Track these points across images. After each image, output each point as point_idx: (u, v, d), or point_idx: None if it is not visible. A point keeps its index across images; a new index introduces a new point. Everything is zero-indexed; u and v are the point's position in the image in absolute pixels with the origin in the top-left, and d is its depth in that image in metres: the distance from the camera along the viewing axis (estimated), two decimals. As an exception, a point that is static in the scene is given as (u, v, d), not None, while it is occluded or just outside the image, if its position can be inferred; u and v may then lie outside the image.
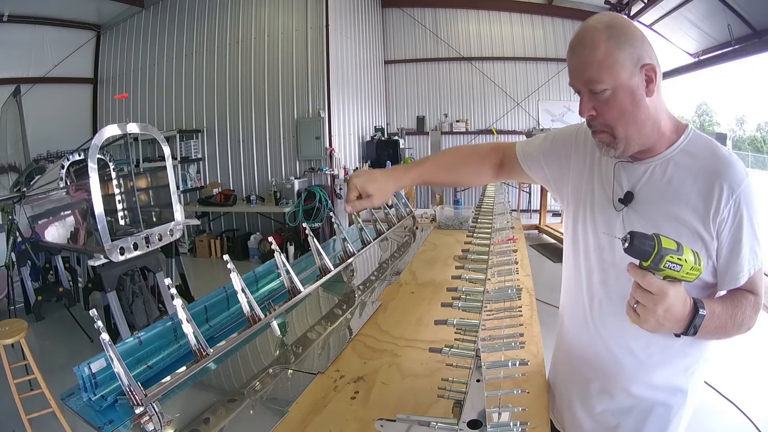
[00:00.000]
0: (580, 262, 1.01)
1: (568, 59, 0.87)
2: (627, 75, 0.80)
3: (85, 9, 6.94)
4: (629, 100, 0.82)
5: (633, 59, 0.80)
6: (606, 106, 0.84)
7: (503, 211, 2.07)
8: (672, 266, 0.69)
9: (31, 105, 5.56)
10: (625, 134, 0.85)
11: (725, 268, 0.85)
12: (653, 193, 0.89)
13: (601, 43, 0.80)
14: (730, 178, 0.82)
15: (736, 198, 0.82)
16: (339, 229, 1.62)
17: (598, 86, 0.82)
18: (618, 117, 0.84)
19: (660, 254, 0.68)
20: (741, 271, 0.84)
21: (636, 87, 0.82)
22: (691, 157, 0.87)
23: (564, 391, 1.09)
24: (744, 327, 0.84)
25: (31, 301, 3.88)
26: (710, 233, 0.84)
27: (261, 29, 6.47)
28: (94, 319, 0.87)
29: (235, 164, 6.79)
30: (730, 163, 0.84)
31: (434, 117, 8.84)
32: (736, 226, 0.83)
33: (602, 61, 0.80)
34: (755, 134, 27.31)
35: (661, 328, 0.75)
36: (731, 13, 5.61)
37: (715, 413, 2.51)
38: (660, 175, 0.88)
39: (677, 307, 0.74)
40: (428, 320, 1.36)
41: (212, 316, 1.29)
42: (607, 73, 0.80)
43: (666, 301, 0.72)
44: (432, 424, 0.69)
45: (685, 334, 0.77)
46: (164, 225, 3.10)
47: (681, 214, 0.85)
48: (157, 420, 0.87)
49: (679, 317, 0.75)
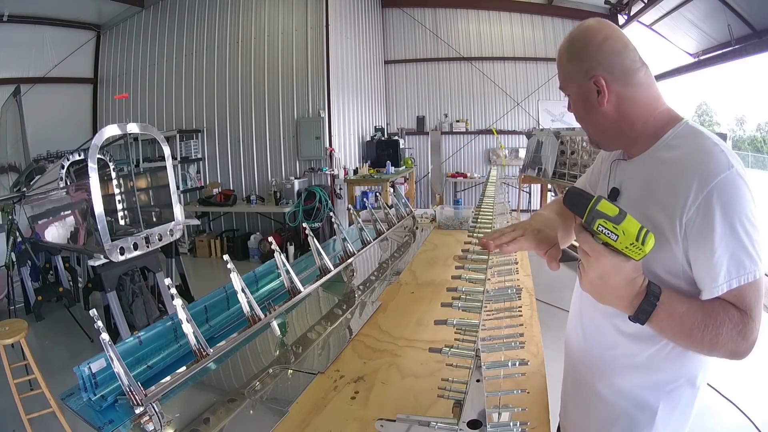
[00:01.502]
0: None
1: None
2: (576, 85, 0.88)
3: (85, 9, 6.94)
4: (582, 106, 0.89)
5: (581, 71, 0.86)
6: (572, 108, 0.93)
7: (503, 211, 2.07)
8: (606, 232, 0.67)
9: (31, 105, 5.56)
10: (588, 132, 0.93)
11: (699, 274, 0.76)
12: (633, 191, 0.88)
13: (563, 53, 0.90)
14: (703, 171, 0.73)
15: (707, 194, 0.72)
16: (339, 229, 1.62)
17: (564, 91, 0.92)
18: (579, 119, 0.92)
19: (591, 214, 0.67)
20: (715, 280, 0.73)
21: (586, 96, 0.87)
22: (671, 151, 0.81)
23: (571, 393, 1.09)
24: (722, 346, 0.73)
25: (31, 301, 3.87)
26: (675, 234, 0.76)
27: (261, 29, 6.47)
28: (94, 319, 0.87)
29: (235, 164, 6.79)
30: (710, 155, 0.75)
31: (434, 117, 8.84)
32: (706, 225, 0.72)
33: (560, 70, 0.91)
34: (755, 134, 27.30)
35: (601, 299, 0.76)
36: (731, 13, 5.61)
37: (715, 413, 2.51)
38: (641, 172, 0.87)
39: (615, 280, 0.71)
40: (428, 320, 1.36)
41: (212, 316, 1.29)
42: (564, 81, 0.91)
43: (599, 266, 0.71)
44: (432, 424, 0.69)
45: (632, 319, 0.75)
46: (164, 225, 3.10)
47: (651, 213, 0.79)
48: (157, 420, 0.87)
49: (620, 293, 0.73)
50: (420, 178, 8.84)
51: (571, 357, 1.07)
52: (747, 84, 33.24)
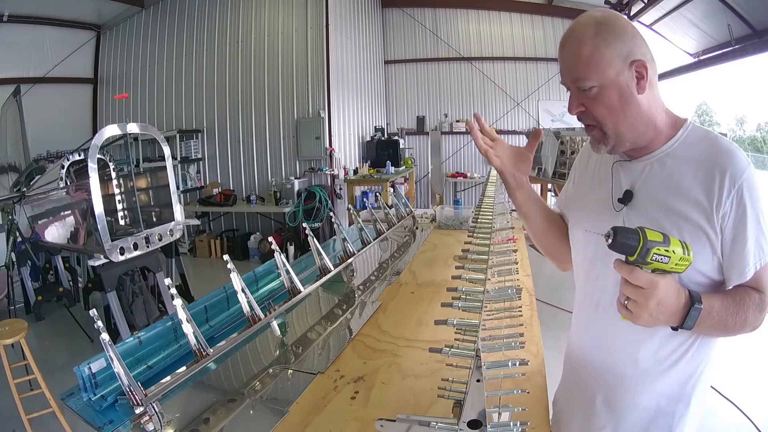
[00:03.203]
0: (584, 269, 0.99)
1: (558, 56, 0.86)
2: (614, 72, 0.79)
3: (85, 9, 6.94)
4: (617, 97, 0.81)
5: (622, 55, 0.79)
6: (594, 103, 0.82)
7: (503, 211, 2.07)
8: (660, 258, 0.67)
9: (31, 105, 5.55)
10: (615, 131, 0.84)
11: (731, 263, 0.81)
12: (653, 190, 0.86)
13: (588, 39, 0.79)
14: (732, 168, 0.78)
15: (738, 189, 0.78)
16: (339, 229, 1.62)
17: (584, 83, 0.81)
18: (606, 114, 0.82)
19: (646, 247, 0.67)
20: (747, 265, 0.80)
21: (625, 84, 0.80)
22: (690, 149, 0.84)
23: (567, 405, 1.06)
24: (748, 326, 0.80)
25: (31, 301, 3.88)
26: (714, 228, 0.80)
27: (261, 29, 6.47)
28: (94, 319, 0.87)
29: (235, 164, 6.79)
30: (732, 153, 0.80)
31: (434, 117, 8.84)
32: (740, 217, 0.79)
33: (588, 59, 0.79)
34: (755, 134, 27.28)
35: (655, 322, 0.74)
36: (731, 13, 5.60)
37: (715, 413, 2.51)
38: (659, 171, 0.86)
39: (670, 300, 0.72)
40: (428, 320, 1.36)
41: (212, 316, 1.29)
42: (594, 70, 0.79)
43: (657, 294, 0.70)
44: (432, 424, 0.69)
45: (681, 327, 0.76)
46: (164, 225, 3.10)
47: (682, 209, 0.82)
48: (157, 420, 0.87)
49: (672, 310, 0.74)
50: (420, 178, 8.83)
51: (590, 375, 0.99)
52: (747, 84, 33.21)
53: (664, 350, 0.88)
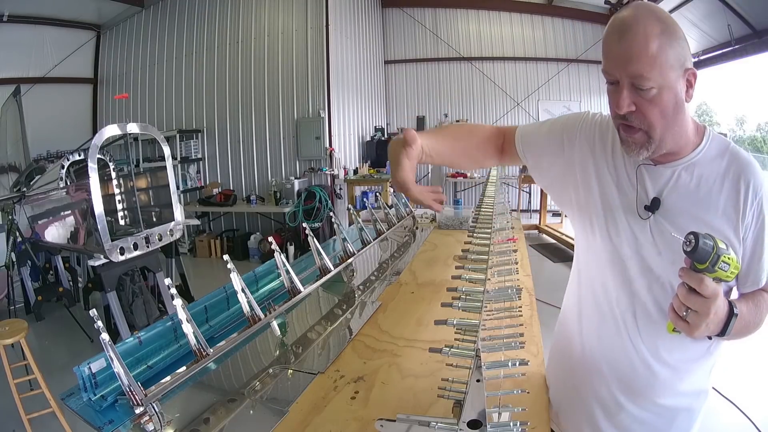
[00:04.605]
0: (604, 273, 0.94)
1: (609, 45, 0.77)
2: (675, 76, 0.75)
3: (85, 9, 6.94)
4: (672, 103, 0.77)
5: (680, 61, 0.76)
6: (650, 105, 0.77)
7: (503, 211, 2.07)
8: (724, 267, 0.68)
9: (31, 105, 5.55)
10: (662, 136, 0.80)
11: (747, 272, 0.84)
12: (682, 200, 0.84)
13: (655, 37, 0.73)
14: (755, 181, 0.81)
15: (759, 200, 0.81)
16: (339, 229, 1.62)
17: (645, 83, 0.74)
18: (659, 118, 0.78)
19: (717, 254, 0.67)
20: (762, 273, 0.83)
21: (680, 90, 0.77)
22: (716, 160, 0.84)
23: (579, 406, 1.01)
24: (761, 326, 0.84)
25: (31, 301, 3.88)
26: (739, 239, 0.82)
27: (261, 29, 6.47)
28: (94, 319, 0.87)
29: (235, 164, 6.79)
30: (753, 165, 0.83)
31: (434, 117, 8.84)
32: (759, 228, 0.82)
33: (655, 57, 0.73)
34: (755, 134, 27.28)
35: (705, 333, 0.74)
36: (731, 13, 5.61)
37: (715, 413, 2.51)
38: (687, 180, 0.84)
39: (722, 310, 0.73)
40: (428, 320, 1.35)
41: (212, 316, 1.29)
42: (658, 70, 0.74)
43: (717, 304, 0.70)
44: (432, 424, 0.69)
45: (719, 335, 0.76)
46: (164, 225, 3.10)
47: (713, 222, 0.82)
48: (157, 420, 0.87)
49: (721, 319, 0.74)
50: (420, 178, 8.83)
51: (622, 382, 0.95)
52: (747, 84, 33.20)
53: (692, 352, 0.89)
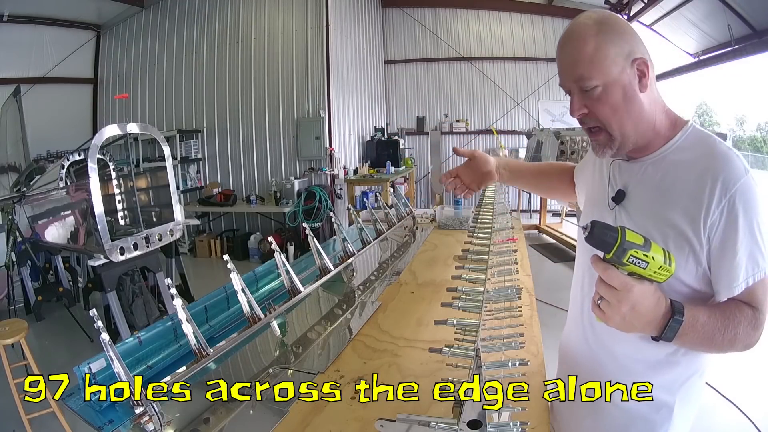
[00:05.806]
0: (579, 262, 1.02)
1: (557, 58, 0.83)
2: (618, 70, 0.78)
3: (85, 9, 6.93)
4: (621, 96, 0.79)
5: (624, 53, 0.78)
6: (598, 104, 0.80)
7: (503, 211, 2.07)
8: (637, 262, 0.66)
9: (31, 105, 5.55)
10: (621, 131, 0.82)
11: (718, 276, 0.78)
12: (644, 193, 0.86)
13: (590, 38, 0.77)
14: (726, 175, 0.75)
15: (730, 197, 0.74)
16: (339, 229, 1.62)
17: (588, 83, 0.79)
18: (611, 114, 0.80)
19: (622, 247, 0.65)
20: (735, 279, 0.76)
21: (628, 82, 0.79)
22: (685, 154, 0.81)
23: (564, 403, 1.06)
24: (738, 343, 0.76)
25: (31, 301, 3.88)
26: (699, 238, 0.77)
27: (261, 29, 6.47)
28: (94, 319, 0.87)
29: (235, 164, 6.79)
30: (728, 158, 0.77)
31: (434, 117, 8.84)
32: (730, 228, 0.75)
33: (592, 56, 0.77)
34: (755, 134, 27.26)
35: (630, 328, 0.71)
36: (731, 13, 5.61)
37: (715, 413, 2.51)
38: (653, 174, 0.85)
39: (645, 307, 0.69)
40: (428, 320, 1.35)
41: (212, 316, 1.29)
42: (597, 68, 0.78)
43: (630, 298, 0.68)
44: (432, 424, 0.69)
45: (660, 338, 0.73)
46: (164, 225, 3.10)
47: (669, 216, 0.79)
48: (157, 420, 0.87)
49: (649, 318, 0.71)
50: (420, 178, 8.83)
51: (574, 364, 1.03)
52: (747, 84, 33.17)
53: (643, 353, 0.87)
